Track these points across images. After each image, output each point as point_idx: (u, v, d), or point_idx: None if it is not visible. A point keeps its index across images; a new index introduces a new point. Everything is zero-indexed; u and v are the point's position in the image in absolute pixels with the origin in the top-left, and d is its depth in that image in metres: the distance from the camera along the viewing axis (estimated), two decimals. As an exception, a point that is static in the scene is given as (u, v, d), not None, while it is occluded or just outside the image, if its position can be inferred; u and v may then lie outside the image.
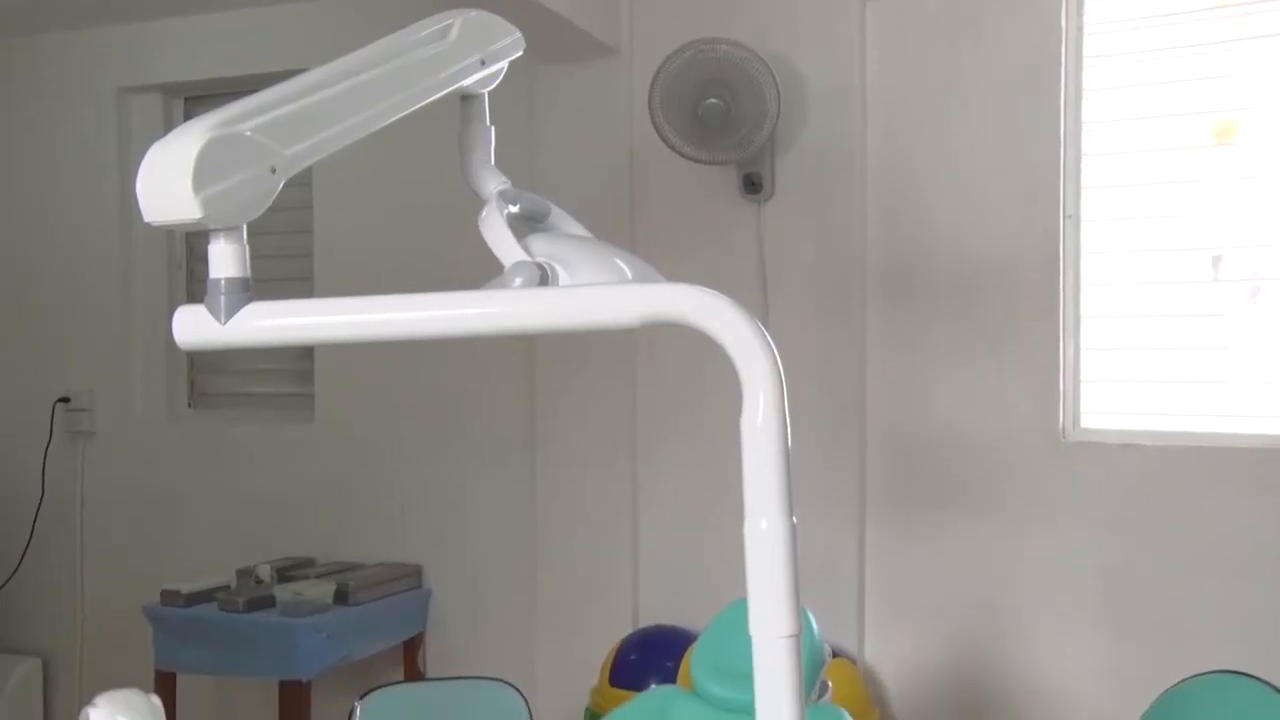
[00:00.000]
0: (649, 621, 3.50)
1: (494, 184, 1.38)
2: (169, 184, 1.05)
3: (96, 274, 4.32)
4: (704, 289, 1.06)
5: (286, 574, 3.74)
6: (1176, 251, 3.06)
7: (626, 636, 3.37)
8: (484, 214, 1.28)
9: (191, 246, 4.34)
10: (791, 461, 1.08)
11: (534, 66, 3.49)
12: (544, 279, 1.23)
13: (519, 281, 1.21)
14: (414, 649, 3.83)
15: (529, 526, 3.68)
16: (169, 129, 1.13)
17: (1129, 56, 3.07)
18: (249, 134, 1.10)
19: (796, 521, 1.08)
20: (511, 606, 3.74)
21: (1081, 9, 3.10)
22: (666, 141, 3.19)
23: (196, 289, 4.33)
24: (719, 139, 3.15)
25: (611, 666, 3.26)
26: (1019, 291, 3.13)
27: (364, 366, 3.95)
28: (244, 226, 1.12)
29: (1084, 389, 3.12)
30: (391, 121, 1.28)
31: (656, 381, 3.49)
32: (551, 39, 3.31)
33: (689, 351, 3.42)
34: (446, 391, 3.84)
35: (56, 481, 4.36)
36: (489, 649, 3.76)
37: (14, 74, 4.39)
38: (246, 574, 3.71)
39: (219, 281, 1.12)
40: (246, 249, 1.13)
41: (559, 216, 1.41)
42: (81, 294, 4.34)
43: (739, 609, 1.83)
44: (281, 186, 1.15)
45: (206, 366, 4.38)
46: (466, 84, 1.36)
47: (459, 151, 1.44)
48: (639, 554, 3.53)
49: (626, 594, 3.54)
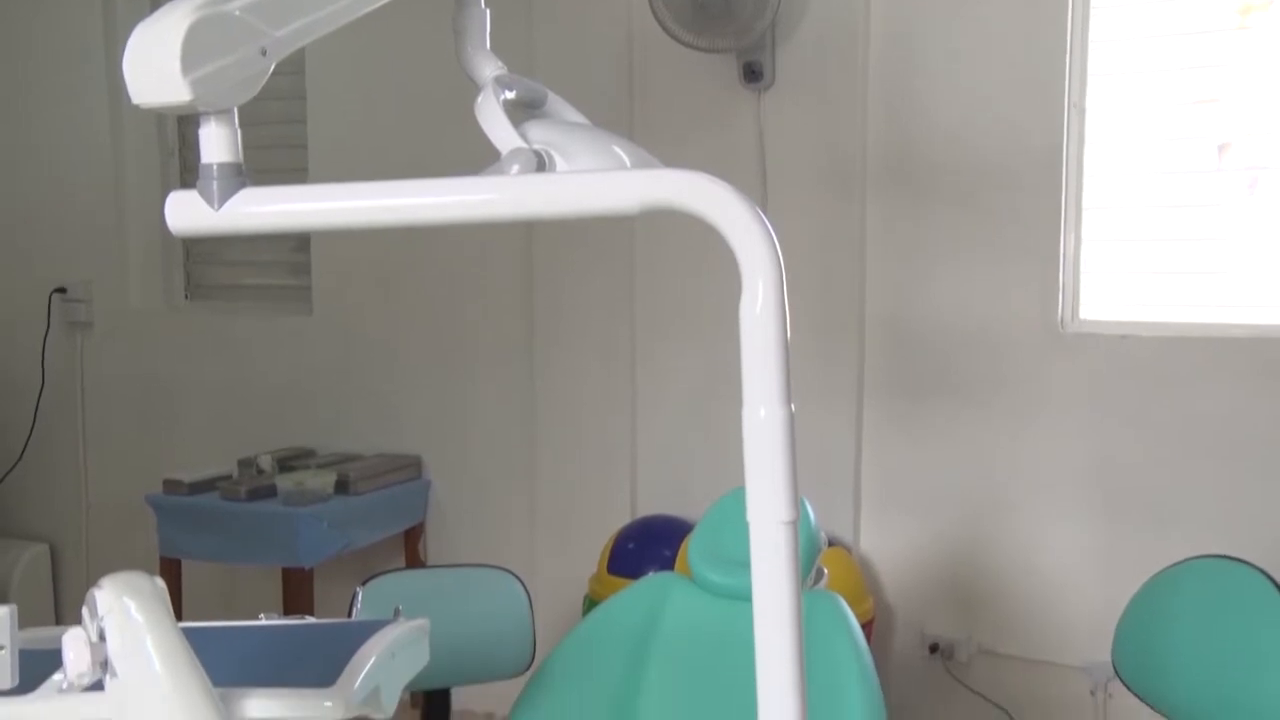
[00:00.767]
0: (647, 511, 3.54)
1: (490, 69, 1.35)
2: (156, 65, 1.02)
3: (88, 162, 4.27)
4: (703, 175, 1.05)
5: (287, 464, 3.77)
6: (1182, 141, 3.02)
7: (625, 525, 3.42)
8: (480, 100, 1.26)
9: (183, 134, 4.29)
10: (790, 351, 1.07)
11: (530, -51, 3.40)
12: (541, 166, 1.21)
13: (516, 169, 1.19)
14: (414, 538, 3.88)
15: (528, 417, 3.70)
16: (155, 9, 1.09)
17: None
18: (237, 14, 1.07)
19: (794, 410, 1.08)
20: (511, 497, 3.78)
21: (1092, -111, 3.02)
22: (666, 28, 3.13)
23: (189, 179, 4.28)
24: (719, 26, 3.09)
25: (610, 555, 3.31)
26: (1021, 182, 3.10)
27: (361, 260, 3.93)
28: (235, 110, 1.10)
29: (1083, 280, 3.11)
30: (384, 3, 1.25)
31: (655, 274, 3.48)
32: (548, -80, 3.22)
33: (687, 244, 3.41)
34: (445, 286, 3.83)
35: (56, 372, 4.38)
36: (489, 539, 3.81)
37: (-4, -43, 4.29)
38: (248, 464, 3.75)
39: (211, 166, 1.11)
40: (238, 133, 1.11)
41: (556, 103, 1.38)
42: (74, 184, 4.30)
43: (736, 498, 1.84)
44: (272, 69, 1.12)
45: (202, 258, 4.36)
46: (460, -37, 1.32)
47: (454, 35, 1.40)
48: (637, 444, 3.56)
49: (625, 484, 3.57)
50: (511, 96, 1.29)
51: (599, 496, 3.59)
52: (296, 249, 4.12)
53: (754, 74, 3.23)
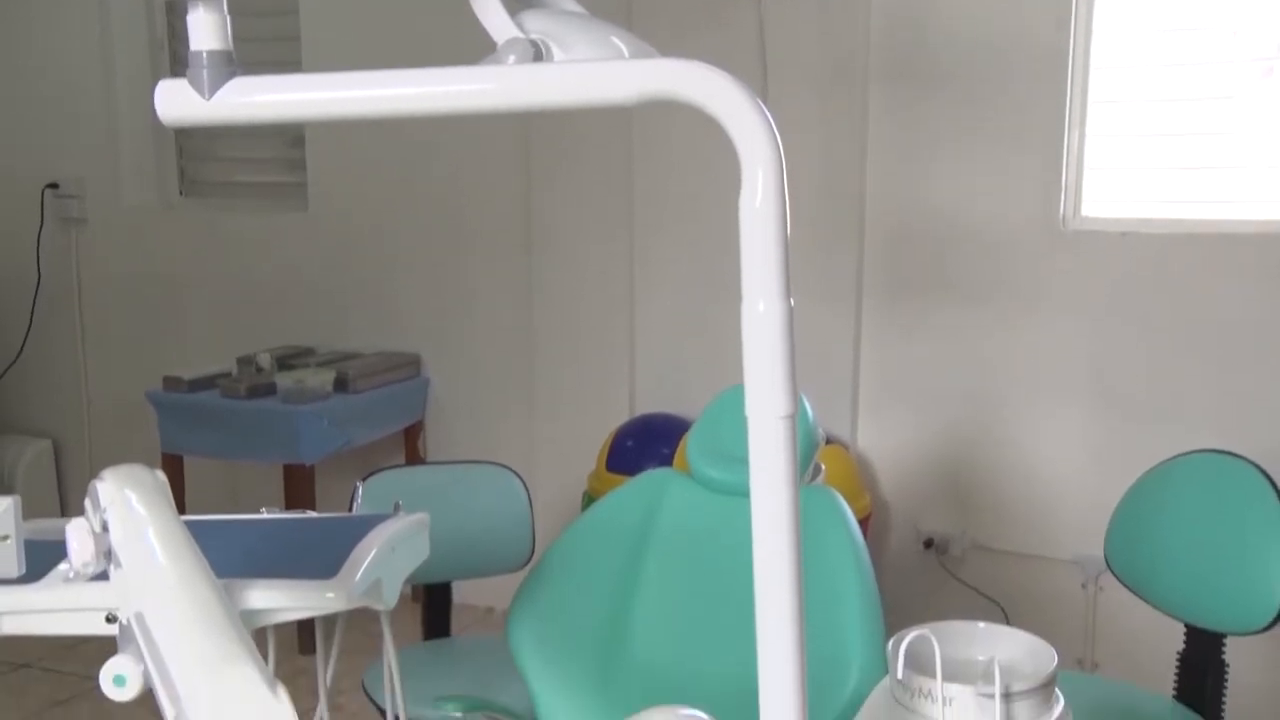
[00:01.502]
0: (645, 409, 3.56)
1: (484, -44, 1.31)
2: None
3: (77, 56, 4.20)
4: (702, 64, 1.03)
5: (286, 362, 3.78)
6: (1192, 31, 2.95)
7: (623, 423, 3.43)
8: (475, -13, 1.22)
9: (172, 25, 4.21)
10: (790, 247, 1.06)
11: None
12: (538, 56, 1.18)
13: (512, 59, 1.16)
14: (414, 436, 3.90)
15: (526, 316, 3.70)
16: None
17: None
18: (224, -107, 1.03)
19: (793, 305, 1.07)
20: (510, 395, 3.79)
21: None
22: (665, -84, 3.05)
23: (180, 72, 4.21)
24: (720, -87, 3.01)
25: (608, 452, 3.33)
26: (1025, 76, 3.05)
27: (358, 157, 3.89)
28: (223, -5, 1.07)
29: (1086, 176, 3.08)
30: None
31: (653, 171, 3.44)
32: None
33: (686, 141, 3.37)
34: (442, 183, 3.79)
35: (52, 268, 4.37)
36: (488, 436, 3.83)
37: None
38: (247, 362, 3.75)
39: (200, 54, 1.08)
40: (228, 20, 1.09)
41: (552, -9, 1.35)
42: (63, 78, 4.24)
43: (735, 394, 1.85)
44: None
45: (196, 155, 4.31)
46: None
47: (447, -81, 1.36)
48: (635, 342, 3.56)
49: (623, 381, 3.58)
50: (507, -16, 1.25)
51: (598, 394, 3.60)
52: (292, 145, 4.07)
53: (755, -36, 3.16)
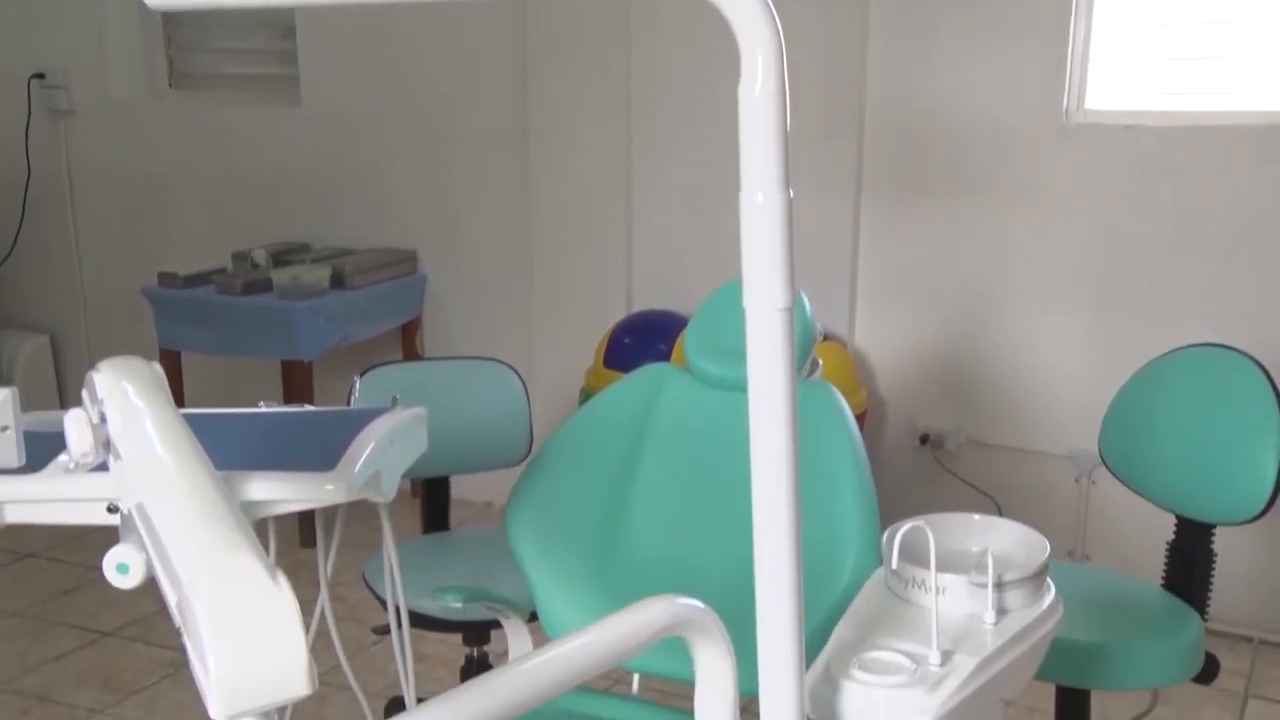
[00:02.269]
0: (643, 305, 3.55)
1: None
2: None
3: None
4: (703, -54, 1.00)
5: (281, 258, 3.76)
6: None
7: (621, 319, 3.43)
8: None
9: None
10: (789, 139, 1.05)
11: None
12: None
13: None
14: (411, 332, 3.90)
15: (523, 212, 3.67)
16: None
17: None
18: None
19: (793, 198, 1.06)
20: (507, 292, 3.78)
21: None
22: None
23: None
24: None
25: (606, 349, 3.33)
26: (1032, -35, 2.99)
27: (350, 48, 3.82)
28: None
29: (1091, 68, 3.03)
30: None
31: (652, 64, 3.38)
32: None
33: (684, 29, 3.30)
34: (437, 76, 3.73)
35: (41, 161, 4.32)
36: (485, 333, 3.83)
37: None
38: (242, 258, 3.73)
39: (185, -64, 1.05)
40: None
41: None
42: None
43: (734, 288, 1.84)
44: None
45: (185, 45, 4.23)
46: None
47: None
48: (633, 237, 3.54)
49: (620, 278, 3.57)
50: None
51: (595, 290, 3.59)
52: (283, 36, 3.99)
53: None
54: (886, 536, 1.40)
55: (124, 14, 4.12)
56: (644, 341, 3.31)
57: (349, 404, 2.33)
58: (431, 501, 2.52)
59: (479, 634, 2.28)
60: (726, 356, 1.79)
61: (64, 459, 1.29)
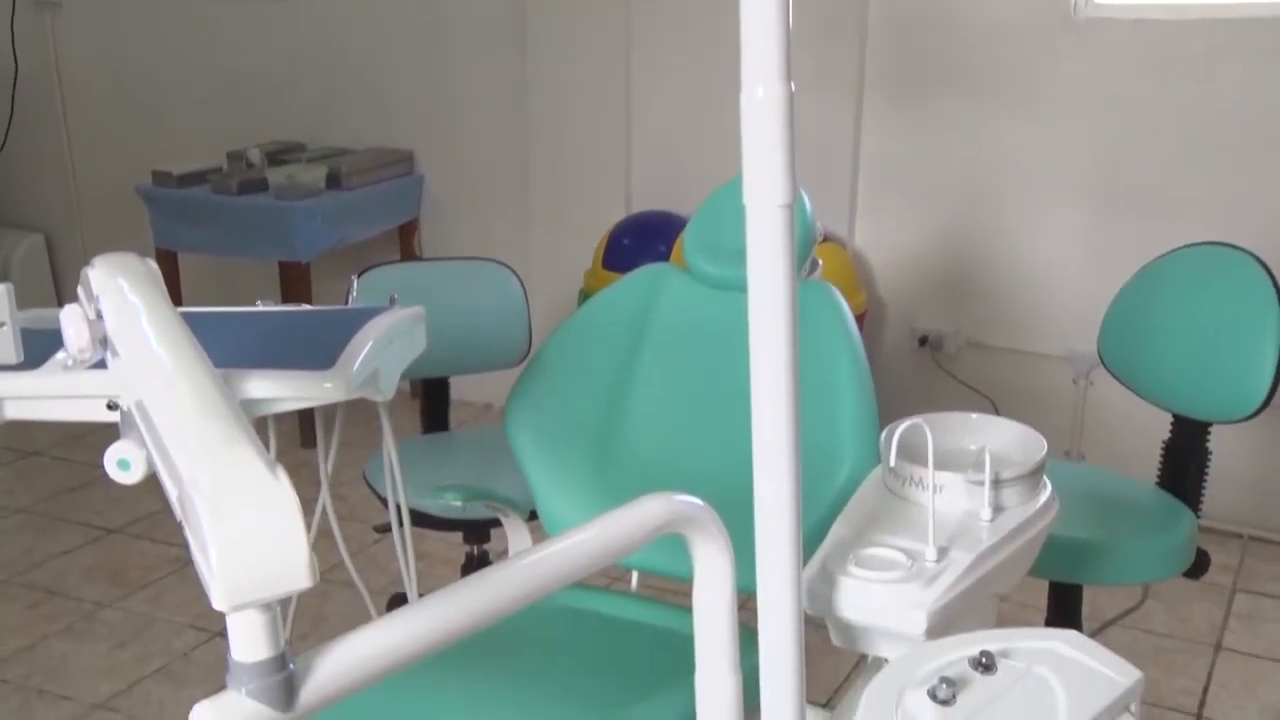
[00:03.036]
0: (642, 206, 3.53)
1: None
2: None
3: None
4: None
5: (277, 158, 3.72)
6: None
7: (620, 221, 3.41)
8: None
9: None
10: (791, 33, 1.02)
11: None
12: None
13: None
14: (409, 233, 3.88)
15: (521, 112, 3.62)
16: None
17: None
18: None
19: (794, 93, 1.04)
20: (505, 193, 3.75)
21: None
22: None
23: None
24: None
25: (605, 250, 3.32)
26: None
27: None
28: None
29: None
30: None
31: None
32: None
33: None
34: (430, -34, 3.65)
35: (29, 55, 4.25)
36: (484, 234, 3.81)
37: None
38: (237, 157, 3.70)
39: None
40: None
41: None
42: None
43: (734, 187, 1.82)
44: None
45: (174, -62, 4.13)
46: None
47: None
48: (632, 137, 3.50)
49: (619, 179, 3.54)
50: None
51: (594, 191, 3.56)
52: (273, -72, 3.90)
53: None
54: (885, 435, 1.41)
55: (110, -96, 4.02)
56: (643, 243, 3.29)
57: (347, 304, 2.32)
58: (431, 402, 2.53)
59: (479, 532, 2.30)
60: (726, 256, 1.78)
61: (62, 356, 1.28)
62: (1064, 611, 2.02)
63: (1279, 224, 2.90)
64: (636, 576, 1.97)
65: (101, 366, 1.17)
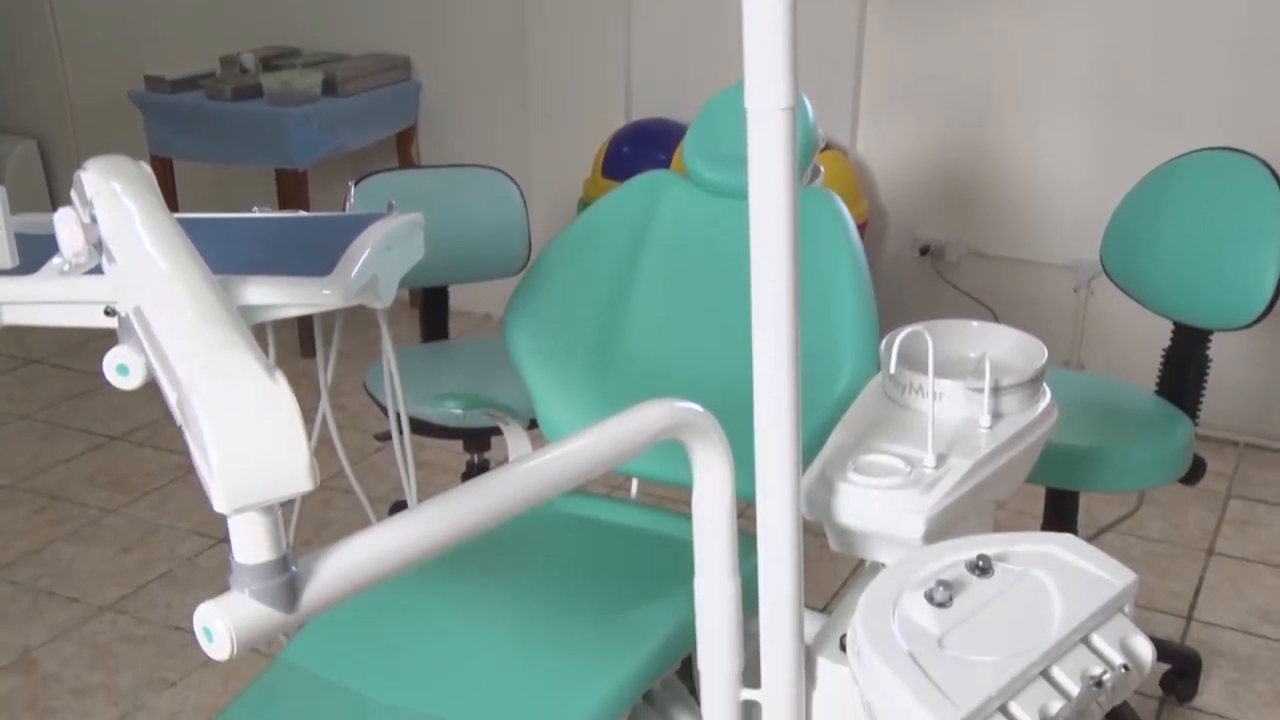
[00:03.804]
0: (642, 114, 3.48)
1: None
2: None
3: None
4: None
5: (271, 63, 3.66)
6: None
7: (619, 128, 3.37)
8: None
9: None
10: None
11: None
12: None
13: None
14: (407, 141, 3.84)
15: (519, 17, 3.56)
16: None
17: None
18: None
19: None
20: (503, 100, 3.70)
21: None
22: None
23: None
24: None
25: (604, 158, 3.28)
26: None
27: None
28: None
29: None
30: None
31: None
32: None
33: None
34: None
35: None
36: (482, 142, 3.77)
37: None
38: (230, 62, 3.64)
39: None
40: None
41: None
42: None
43: (735, 92, 1.79)
44: None
45: None
46: None
47: None
48: (632, 45, 3.44)
49: (619, 86, 3.49)
50: None
51: (593, 99, 3.52)
52: None
53: None
54: (885, 342, 1.41)
55: None
56: (643, 151, 3.26)
57: (344, 210, 2.30)
58: (430, 311, 2.52)
59: (479, 440, 2.31)
60: (726, 163, 1.76)
61: (58, 261, 1.27)
62: (1060, 518, 2.04)
63: (1286, 131, 2.87)
64: (636, 484, 1.98)
65: (98, 272, 1.16)
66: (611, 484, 2.84)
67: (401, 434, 1.74)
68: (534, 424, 1.80)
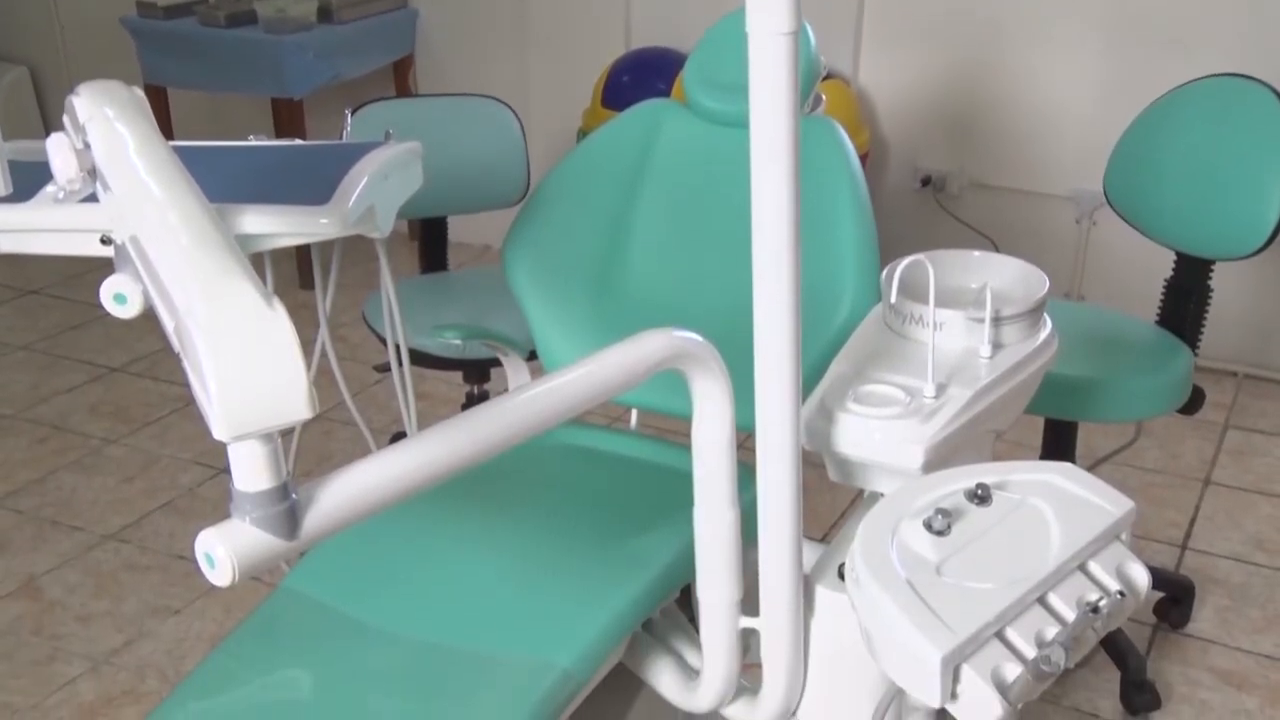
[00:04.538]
0: (641, 43, 3.44)
1: None
2: None
3: None
4: None
5: (265, -11, 3.61)
6: None
7: (619, 57, 3.33)
8: None
9: None
10: None
11: None
12: None
13: None
14: (404, 70, 3.79)
15: (516, -61, 3.50)
16: None
17: None
18: None
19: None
20: (501, 29, 3.65)
21: None
22: None
23: None
24: None
25: (603, 87, 3.25)
26: None
27: None
28: None
29: None
30: None
31: None
32: None
33: None
34: None
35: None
36: (480, 72, 3.72)
37: None
38: (224, -12, 3.58)
39: None
40: None
41: None
42: None
43: (736, 19, 1.77)
44: None
45: None
46: None
47: None
48: (631, -31, 3.39)
49: (619, 14, 3.44)
50: None
51: (592, 27, 3.47)
52: None
53: None
54: (886, 272, 1.40)
55: None
56: (643, 80, 3.22)
57: (341, 139, 2.28)
58: (429, 242, 2.51)
59: (479, 372, 2.32)
60: (727, 91, 1.73)
61: (52, 189, 1.26)
62: (1059, 449, 2.05)
63: (1294, 60, 2.83)
64: (636, 415, 1.99)
65: (93, 200, 1.15)
66: (611, 415, 2.85)
67: (401, 365, 1.74)
68: (533, 355, 1.80)
